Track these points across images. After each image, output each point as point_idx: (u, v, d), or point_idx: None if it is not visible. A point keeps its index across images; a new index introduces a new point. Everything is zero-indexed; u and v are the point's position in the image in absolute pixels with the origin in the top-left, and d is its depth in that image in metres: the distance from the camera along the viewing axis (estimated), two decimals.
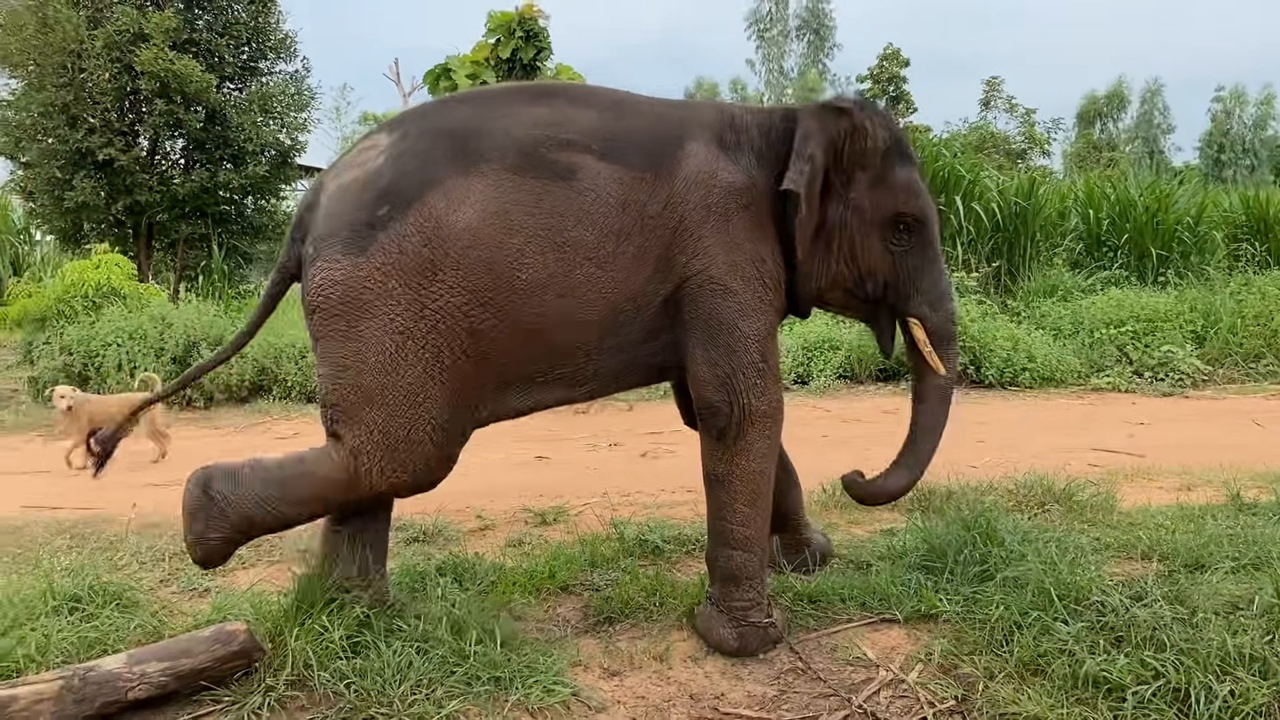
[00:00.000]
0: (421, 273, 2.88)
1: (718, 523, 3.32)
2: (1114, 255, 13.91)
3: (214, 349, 9.60)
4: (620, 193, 3.05)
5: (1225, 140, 41.07)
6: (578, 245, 2.99)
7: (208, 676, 2.75)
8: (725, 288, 3.13)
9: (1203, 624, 3.03)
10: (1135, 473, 6.00)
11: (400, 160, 2.95)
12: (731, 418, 3.16)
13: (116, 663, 2.70)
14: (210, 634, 2.81)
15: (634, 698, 2.99)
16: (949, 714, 2.85)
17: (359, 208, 2.91)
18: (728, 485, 3.26)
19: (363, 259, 2.87)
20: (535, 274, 2.96)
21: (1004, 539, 3.76)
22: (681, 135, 3.19)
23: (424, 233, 2.87)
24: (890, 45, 36.73)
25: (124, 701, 2.64)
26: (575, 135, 3.05)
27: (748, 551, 3.29)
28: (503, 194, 2.93)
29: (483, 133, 3.00)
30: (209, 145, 14.60)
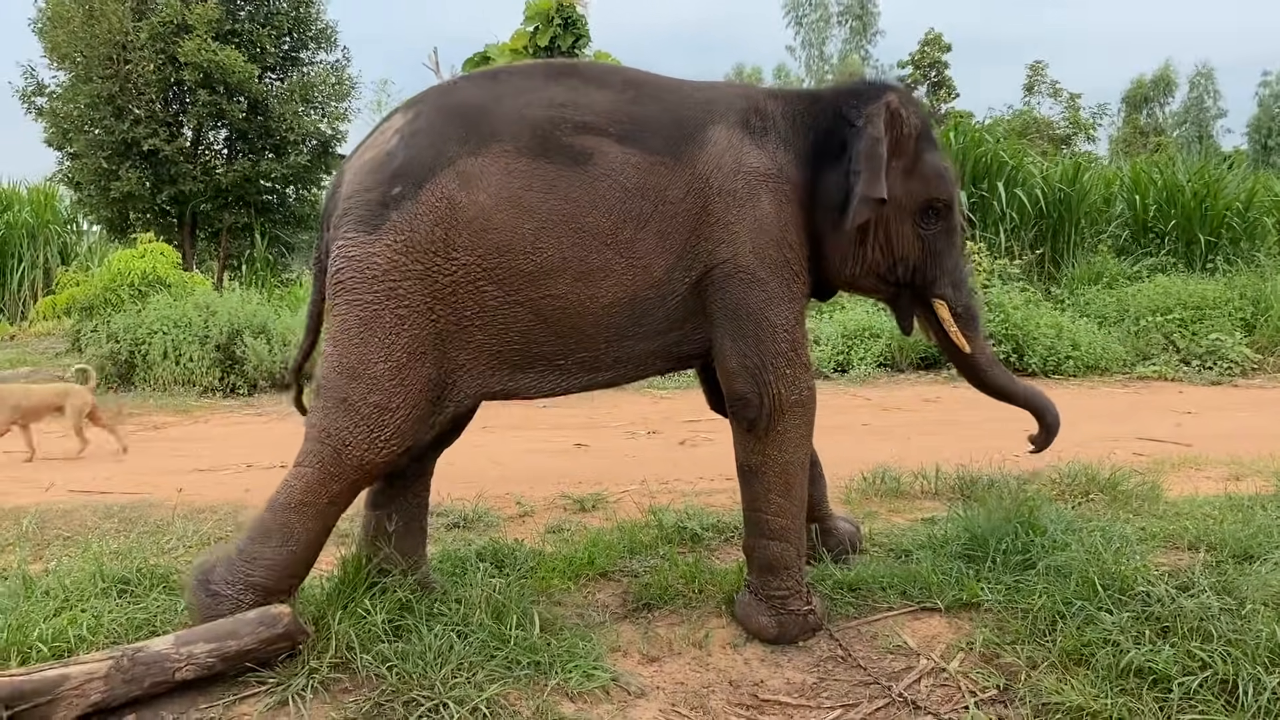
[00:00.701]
0: (434, 251, 2.88)
1: (753, 514, 3.31)
2: (1161, 242, 13.71)
3: (257, 337, 9.72)
4: (638, 178, 2.99)
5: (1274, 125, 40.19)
6: (594, 231, 2.95)
7: (253, 658, 2.78)
8: (753, 276, 3.08)
9: (1251, 615, 2.97)
10: (1182, 462, 5.91)
11: (413, 139, 2.95)
12: (762, 409, 3.13)
13: (164, 644, 2.73)
14: (255, 616, 2.84)
15: (673, 684, 3.00)
16: (990, 703, 2.82)
17: (373, 186, 2.93)
18: (761, 476, 3.24)
19: (375, 236, 2.89)
20: (549, 258, 2.92)
21: (1047, 528, 3.72)
22: (705, 119, 3.13)
23: (436, 212, 2.87)
24: (932, 30, 36.29)
25: (171, 682, 2.68)
26: (592, 118, 3.01)
27: (784, 541, 3.27)
28: (516, 178, 2.90)
29: (495, 112, 2.98)
30: (251, 135, 14.78)
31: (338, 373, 2.95)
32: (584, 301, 2.99)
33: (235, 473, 6.05)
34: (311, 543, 3.03)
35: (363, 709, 2.67)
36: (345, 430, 2.94)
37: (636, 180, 2.99)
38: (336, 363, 2.95)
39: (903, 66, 37.42)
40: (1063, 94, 34.59)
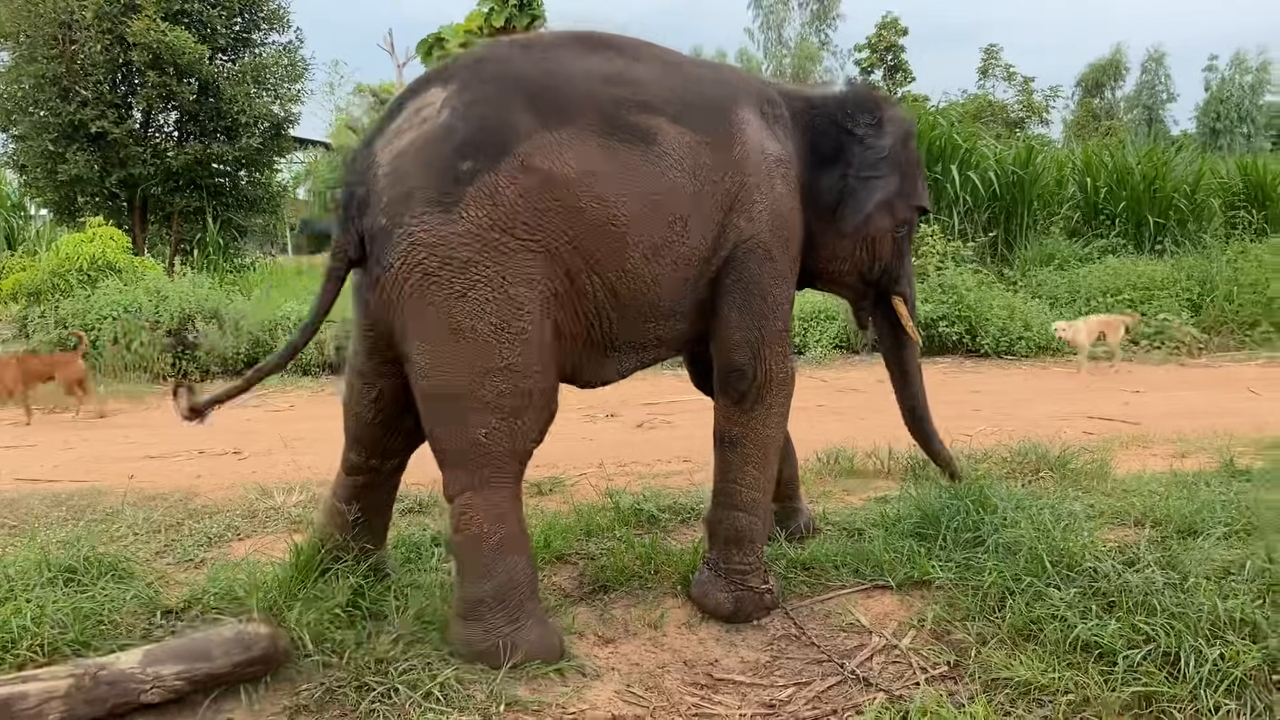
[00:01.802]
0: (522, 222, 2.72)
1: (726, 484, 3.33)
2: (1111, 224, 13.91)
3: (209, 322, 9.59)
4: (692, 158, 3.00)
5: (1222, 108, 40.83)
6: (659, 207, 2.92)
7: (226, 682, 2.65)
8: (768, 253, 3.18)
9: (1194, 589, 3.03)
10: (1130, 440, 6.01)
11: (470, 111, 2.76)
12: (754, 381, 3.19)
13: (131, 661, 2.58)
14: (231, 635, 2.69)
15: (628, 665, 3.01)
16: (941, 679, 2.86)
17: (438, 165, 2.71)
18: (740, 447, 3.28)
19: (453, 214, 2.68)
20: (624, 233, 2.87)
21: (997, 506, 3.77)
22: (731, 102, 3.18)
23: (517, 184, 2.71)
24: (889, 14, 36.49)
25: (136, 704, 2.54)
26: (648, 97, 2.98)
27: (752, 514, 3.30)
28: (592, 152, 2.82)
29: (555, 86, 2.86)
30: (202, 117, 14.54)
31: (456, 377, 2.75)
32: (647, 280, 2.97)
33: (187, 459, 5.98)
34: (524, 547, 2.96)
35: (315, 695, 2.66)
36: (494, 433, 2.79)
37: (690, 160, 3.00)
38: (450, 368, 2.74)
39: (859, 50, 37.63)
40: (1016, 78, 34.96)
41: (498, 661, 2.78)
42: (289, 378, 9.42)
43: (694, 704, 2.78)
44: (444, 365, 2.74)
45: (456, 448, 2.81)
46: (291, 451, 5.97)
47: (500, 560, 2.85)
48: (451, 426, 2.80)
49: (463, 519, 2.84)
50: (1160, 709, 2.55)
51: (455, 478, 2.84)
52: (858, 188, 3.38)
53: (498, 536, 2.85)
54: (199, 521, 4.34)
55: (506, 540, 2.86)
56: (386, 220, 2.73)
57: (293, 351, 3.15)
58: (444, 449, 2.85)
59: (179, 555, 3.90)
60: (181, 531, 4.20)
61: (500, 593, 2.84)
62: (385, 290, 2.78)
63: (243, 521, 4.35)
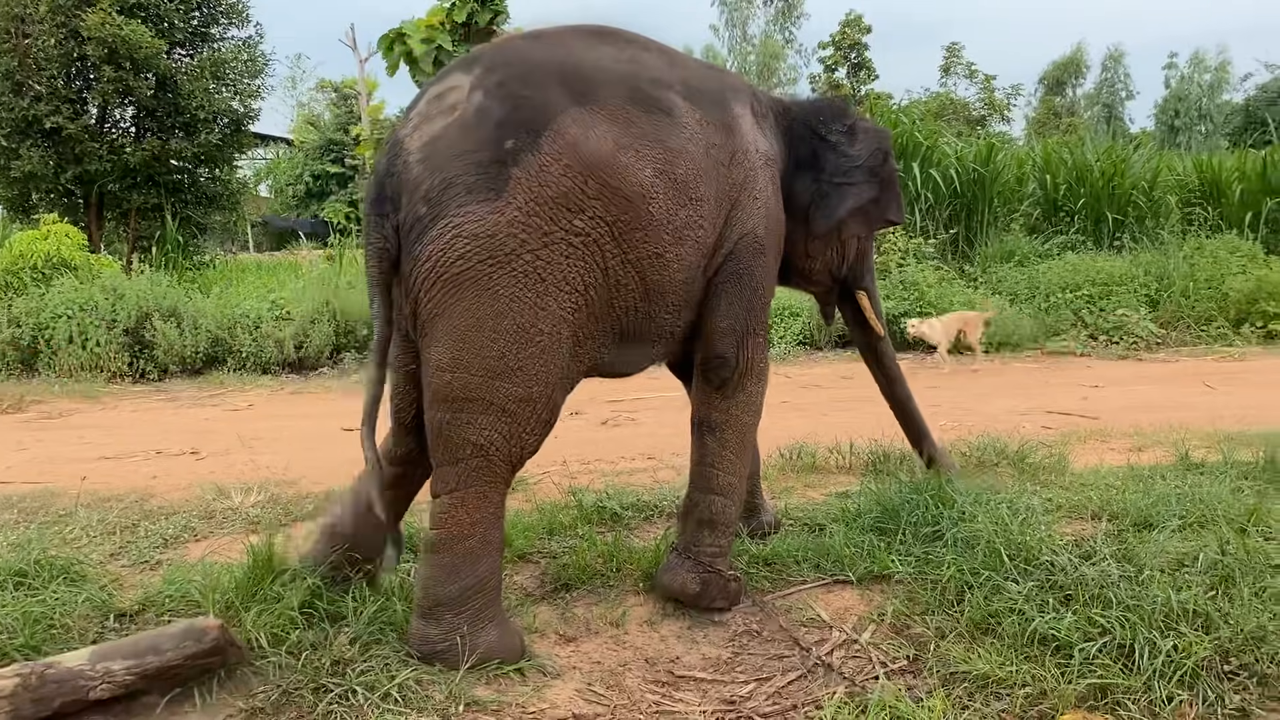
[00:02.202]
0: (566, 205, 2.66)
1: (703, 469, 3.36)
2: (1070, 220, 14.06)
3: (167, 320, 9.47)
4: (704, 135, 3.01)
5: (1180, 106, 41.42)
6: (683, 184, 2.90)
7: (178, 675, 2.60)
8: (762, 245, 3.25)
9: (1148, 581, 3.07)
10: (1088, 434, 6.08)
11: (502, 91, 2.70)
12: (736, 369, 3.26)
13: (79, 659, 2.51)
14: (181, 629, 2.64)
15: (590, 663, 3.00)
16: (901, 673, 2.87)
17: (477, 147, 2.62)
18: (720, 433, 3.32)
19: (500, 201, 2.60)
20: (657, 209, 2.83)
21: (955, 500, 3.80)
22: (727, 95, 3.23)
23: (562, 160, 2.65)
24: (852, 12, 36.68)
25: (85, 701, 2.48)
26: (661, 75, 2.99)
27: (728, 498, 3.34)
28: (626, 126, 2.80)
29: (580, 67, 2.83)
30: (160, 113, 14.34)
31: (473, 375, 2.68)
32: (672, 263, 2.94)
33: (144, 460, 5.89)
34: (496, 552, 2.92)
35: (271, 698, 2.63)
36: (491, 435, 2.75)
37: (704, 137, 3.01)
38: (470, 366, 2.68)
39: (824, 48, 37.81)
40: (978, 75, 35.26)
41: (456, 661, 2.76)
42: (248, 376, 9.32)
43: (655, 701, 2.77)
44: (464, 363, 2.68)
45: (456, 446, 2.77)
46: (250, 451, 5.90)
47: (471, 563, 2.82)
48: (457, 425, 2.75)
49: (445, 518, 2.80)
50: (1115, 700, 2.58)
51: (447, 476, 2.80)
52: (830, 193, 3.53)
53: (475, 540, 2.82)
54: (154, 523, 4.27)
55: (482, 544, 2.84)
56: (426, 210, 2.64)
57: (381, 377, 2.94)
58: (443, 446, 2.80)
59: (133, 557, 3.84)
60: (136, 533, 4.13)
61: (465, 595, 2.82)
62: (417, 281, 2.69)
63: (199, 522, 4.29)
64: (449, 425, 2.75)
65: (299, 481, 5.05)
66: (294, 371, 9.69)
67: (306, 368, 9.77)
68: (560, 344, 2.76)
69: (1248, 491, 4.27)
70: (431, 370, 2.73)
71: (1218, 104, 40.79)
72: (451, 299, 2.65)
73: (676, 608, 3.33)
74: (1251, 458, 4.78)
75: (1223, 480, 4.44)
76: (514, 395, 2.72)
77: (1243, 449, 5.02)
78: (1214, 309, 11.59)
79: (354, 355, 9.87)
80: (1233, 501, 4.01)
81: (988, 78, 34.75)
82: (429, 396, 2.78)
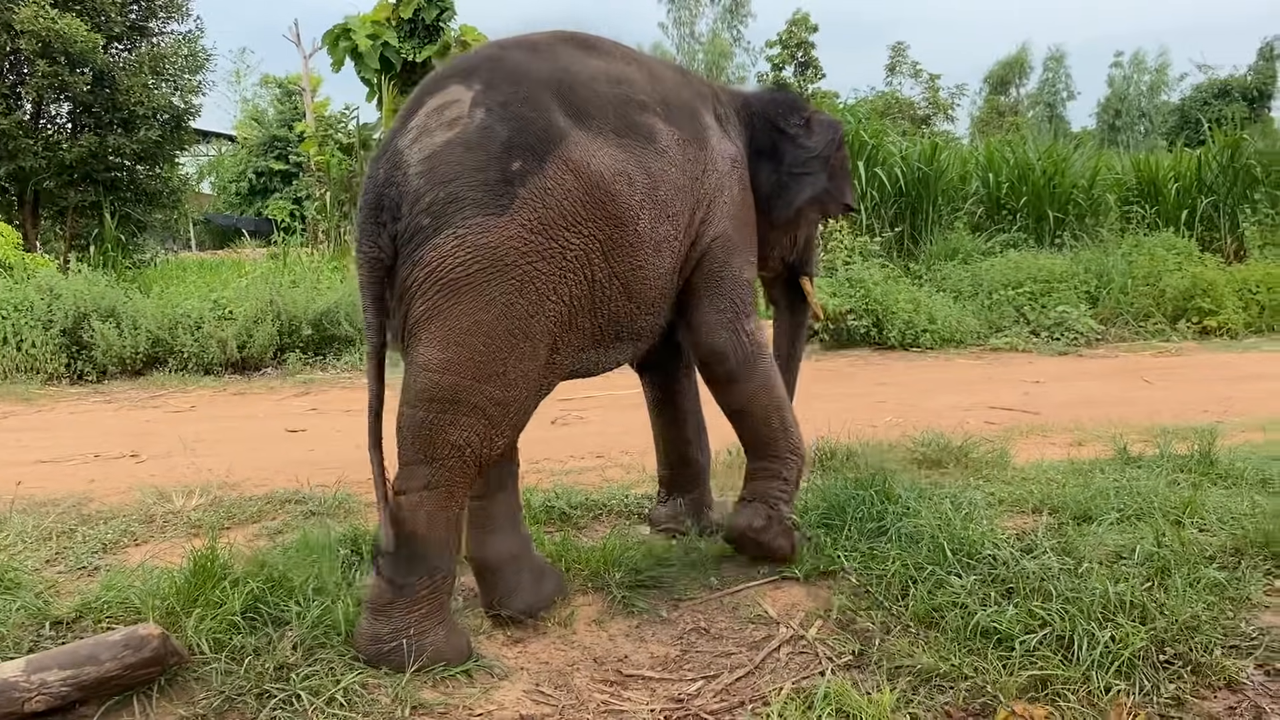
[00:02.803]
0: (564, 226, 2.76)
1: (757, 446, 3.56)
2: (1013, 218, 14.29)
3: (106, 320, 9.28)
4: (680, 155, 3.14)
5: (1122, 105, 42.26)
6: (663, 204, 3.05)
7: (117, 685, 2.54)
8: (735, 244, 3.38)
9: (1087, 574, 3.15)
10: (1030, 429, 6.18)
11: (510, 110, 2.75)
12: (740, 353, 3.38)
13: (13, 670, 2.43)
14: (120, 638, 2.57)
15: (537, 664, 2.99)
16: (846, 668, 2.90)
17: (484, 165, 2.68)
18: (754, 414, 3.51)
19: (505, 218, 2.66)
20: (642, 230, 2.98)
21: (900, 496, 3.85)
22: (695, 103, 3.36)
23: (564, 184, 2.75)
24: (799, 11, 36.91)
25: (20, 713, 2.41)
26: (644, 97, 3.10)
27: (785, 457, 3.55)
28: (618, 151, 2.92)
29: (575, 87, 2.91)
30: (97, 108, 14.05)
31: (462, 377, 2.70)
32: (650, 273, 3.06)
33: (81, 463, 5.77)
34: (454, 553, 2.92)
35: (213, 705, 2.58)
36: (470, 436, 2.76)
37: (680, 157, 3.14)
38: (460, 367, 2.70)
39: (771, 46, 38.01)
40: (923, 75, 35.67)
41: (403, 663, 2.74)
42: (189, 377, 9.16)
43: (603, 701, 2.77)
44: (453, 365, 2.70)
45: (435, 446, 2.76)
46: (192, 454, 5.80)
47: (427, 563, 2.81)
48: (439, 425, 2.75)
49: (409, 515, 2.78)
50: (1055, 691, 2.62)
51: (416, 474, 2.79)
52: (789, 183, 3.69)
53: (435, 540, 2.81)
54: (93, 528, 4.18)
55: (442, 543, 2.83)
56: (430, 221, 2.67)
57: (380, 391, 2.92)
58: (418, 444, 2.78)
59: (71, 563, 3.76)
60: (74, 538, 4.04)
61: (418, 594, 2.80)
62: (414, 285, 2.70)
63: (139, 527, 4.21)
64: (430, 425, 2.75)
65: (242, 484, 4.98)
66: (237, 372, 9.54)
67: (250, 368, 9.62)
68: (541, 351, 2.83)
69: (1183, 484, 4.38)
70: (418, 370, 2.74)
71: (1156, 104, 41.68)
72: (447, 302, 2.68)
73: (624, 606, 3.33)
74: (1187, 451, 4.89)
75: (1159, 473, 4.55)
76: (495, 398, 2.76)
77: (1179, 443, 5.13)
78: (1151, 305, 11.84)
79: (298, 355, 9.74)
80: (1169, 494, 4.11)
81: (933, 77, 35.17)
82: (410, 395, 2.78)
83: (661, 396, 3.99)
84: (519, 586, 3.21)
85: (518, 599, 3.20)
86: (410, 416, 2.77)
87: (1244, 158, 14.50)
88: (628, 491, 4.68)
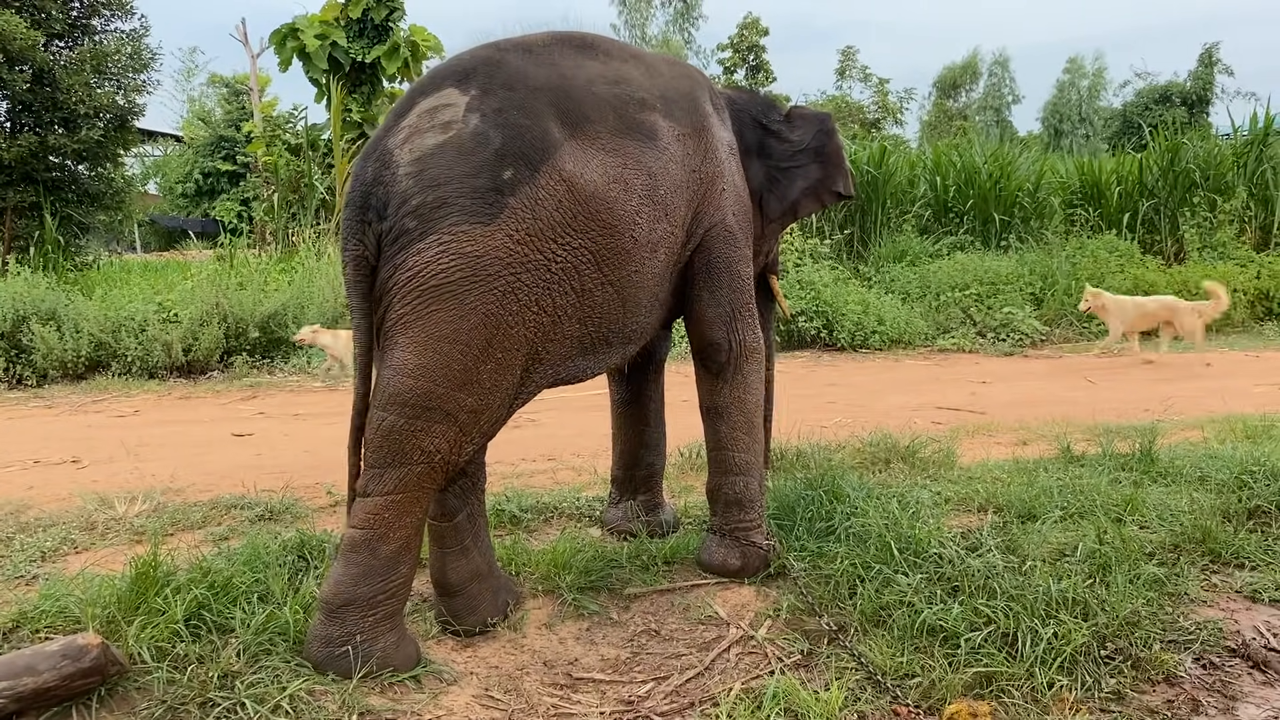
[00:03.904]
0: (552, 237, 2.73)
1: (720, 454, 3.54)
2: (960, 221, 14.47)
3: (46, 323, 9.08)
4: (680, 150, 3.15)
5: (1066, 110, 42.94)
6: (662, 203, 3.05)
7: (55, 696, 2.49)
8: (733, 234, 3.40)
9: (1031, 571, 3.20)
10: (976, 429, 6.26)
11: (502, 118, 2.72)
12: (731, 352, 3.42)
13: None
14: (58, 648, 2.52)
15: (487, 668, 2.97)
16: (795, 668, 2.92)
17: (474, 172, 2.65)
18: (728, 417, 3.49)
19: (493, 226, 2.64)
20: (639, 233, 2.97)
21: (848, 495, 3.88)
22: (693, 94, 3.37)
23: (556, 195, 2.73)
24: (750, 14, 37.14)
25: None
26: (643, 94, 3.10)
27: (749, 476, 3.54)
28: (616, 155, 2.90)
29: (572, 92, 2.89)
30: (37, 107, 13.73)
31: (436, 384, 2.68)
32: (645, 273, 3.05)
33: (21, 469, 5.63)
34: (413, 559, 2.87)
35: (155, 715, 2.54)
36: (440, 443, 2.74)
37: (679, 152, 3.14)
38: (435, 374, 2.67)
39: (722, 50, 38.20)
40: (872, 79, 36.01)
41: (349, 669, 2.71)
42: (134, 381, 9.00)
43: (553, 704, 2.77)
44: (430, 370, 2.67)
45: (405, 451, 2.73)
46: (136, 459, 5.70)
47: (389, 567, 2.78)
48: (410, 431, 2.71)
49: (373, 519, 2.75)
50: (1000, 688, 2.67)
51: (386, 478, 2.75)
52: (780, 178, 3.79)
53: (396, 545, 2.78)
54: (31, 535, 4.09)
55: (402, 550, 2.80)
56: (416, 224, 2.64)
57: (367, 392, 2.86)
58: (387, 447, 2.74)
59: (8, 571, 3.67)
60: (11, 546, 3.95)
61: (375, 598, 2.78)
62: (395, 288, 2.67)
63: (80, 534, 4.13)
64: (401, 430, 2.71)
65: (187, 489, 4.90)
66: (182, 376, 9.38)
67: (195, 371, 9.46)
68: (518, 361, 2.81)
69: (1125, 482, 4.47)
70: (392, 373, 2.70)
71: (1096, 108, 42.39)
72: (427, 308, 2.65)
73: (575, 609, 3.33)
74: (1129, 449, 4.99)
75: (1102, 472, 4.64)
76: (468, 406, 2.75)
77: (1121, 441, 5.23)
78: None
79: (245, 358, 9.60)
80: (1111, 492, 4.19)
81: (882, 81, 35.57)
82: (382, 399, 2.73)
83: (628, 397, 3.99)
84: (478, 605, 3.18)
85: (474, 617, 3.17)
86: (381, 420, 2.73)
87: (1184, 161, 14.81)
88: (579, 494, 4.67)
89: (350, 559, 2.77)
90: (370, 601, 2.77)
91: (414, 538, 2.85)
